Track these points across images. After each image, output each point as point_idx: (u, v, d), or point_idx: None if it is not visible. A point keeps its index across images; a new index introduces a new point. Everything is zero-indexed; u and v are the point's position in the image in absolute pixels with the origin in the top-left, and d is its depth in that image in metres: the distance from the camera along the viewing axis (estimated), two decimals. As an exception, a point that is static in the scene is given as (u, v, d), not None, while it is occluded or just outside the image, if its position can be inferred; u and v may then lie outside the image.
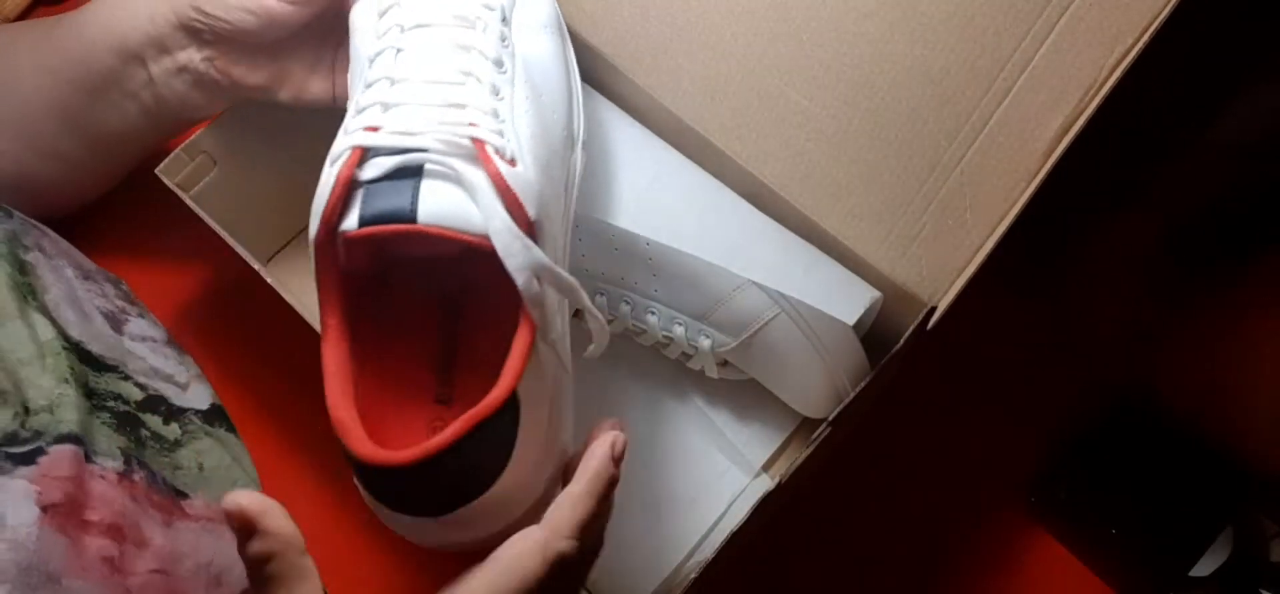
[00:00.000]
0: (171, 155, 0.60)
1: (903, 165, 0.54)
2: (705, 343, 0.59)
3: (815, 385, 0.59)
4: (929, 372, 0.69)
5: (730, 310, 0.57)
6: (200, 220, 0.58)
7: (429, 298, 0.49)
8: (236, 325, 0.70)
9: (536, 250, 0.40)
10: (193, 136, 0.61)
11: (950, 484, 0.69)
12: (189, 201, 0.59)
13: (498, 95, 0.44)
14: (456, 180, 0.40)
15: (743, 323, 0.57)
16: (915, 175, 0.54)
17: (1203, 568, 0.63)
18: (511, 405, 0.40)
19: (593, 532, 0.42)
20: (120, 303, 0.64)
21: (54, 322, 0.56)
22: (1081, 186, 0.66)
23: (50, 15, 0.78)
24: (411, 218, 0.39)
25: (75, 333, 0.58)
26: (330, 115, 0.51)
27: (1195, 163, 0.68)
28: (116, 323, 0.62)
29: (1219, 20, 0.63)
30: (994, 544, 0.68)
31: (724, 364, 0.61)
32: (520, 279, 0.39)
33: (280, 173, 0.67)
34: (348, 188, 0.40)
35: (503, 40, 0.47)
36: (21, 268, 0.57)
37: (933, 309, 0.53)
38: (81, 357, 0.57)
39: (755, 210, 0.58)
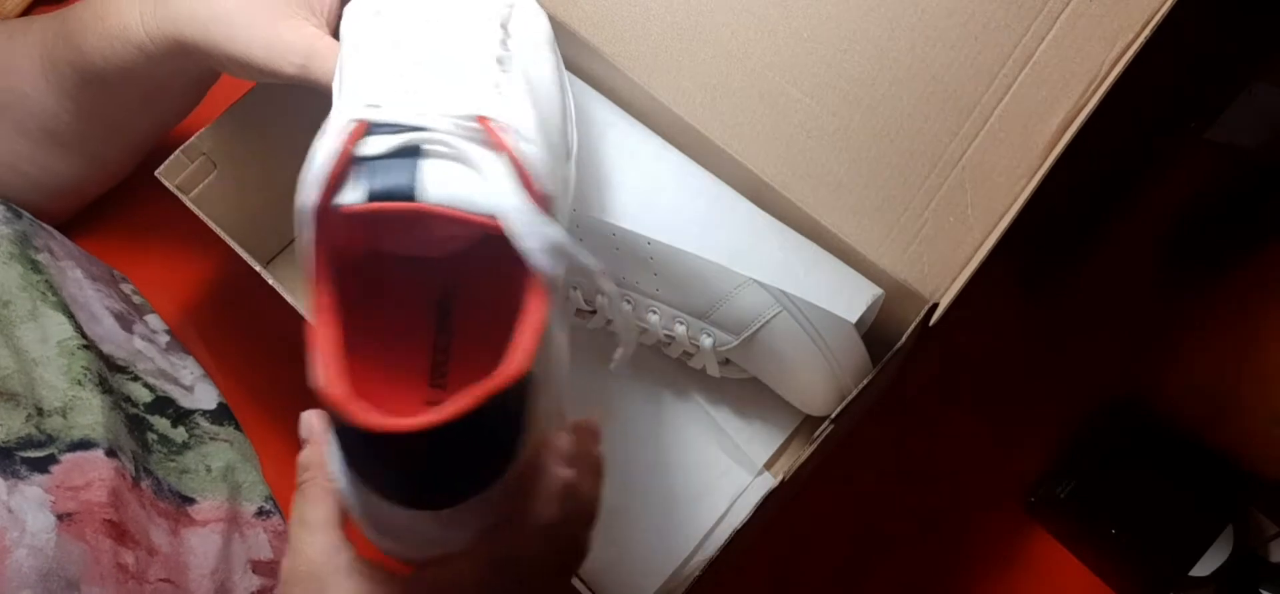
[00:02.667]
0: (171, 158, 0.60)
1: (904, 162, 0.54)
2: (707, 342, 0.59)
3: (817, 383, 0.59)
4: (930, 369, 0.69)
5: (731, 309, 0.57)
6: (200, 222, 0.58)
7: (420, 299, 0.47)
8: (238, 328, 0.70)
9: (556, 225, 0.38)
10: (192, 139, 0.61)
11: (950, 484, 0.69)
12: (189, 204, 0.59)
13: (499, 89, 0.44)
14: (460, 159, 0.39)
15: (744, 321, 0.57)
16: (916, 172, 0.54)
17: (1203, 568, 0.63)
18: (525, 384, 0.37)
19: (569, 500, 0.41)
20: (128, 304, 0.64)
21: (71, 318, 0.56)
22: (1082, 184, 0.66)
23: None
24: (411, 196, 0.38)
25: (89, 332, 0.58)
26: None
27: (1195, 162, 0.69)
28: (126, 323, 0.62)
29: (1219, 18, 0.63)
30: (994, 544, 0.68)
31: (726, 363, 0.61)
32: (535, 257, 0.37)
33: (280, 175, 0.66)
34: (347, 161, 0.39)
35: (504, 44, 0.47)
36: (35, 267, 0.57)
37: (934, 306, 0.54)
38: (98, 354, 0.57)
39: (756, 208, 0.58)
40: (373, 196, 0.38)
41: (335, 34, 0.58)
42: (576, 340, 0.65)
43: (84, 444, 0.51)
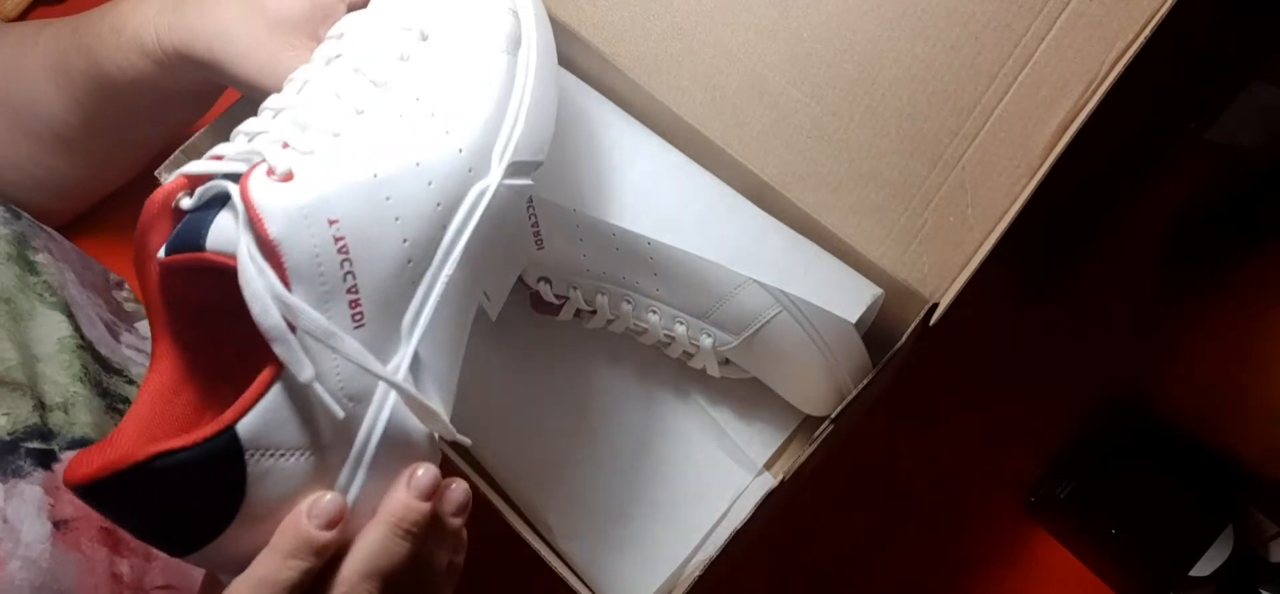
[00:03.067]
0: (171, 158, 0.59)
1: (904, 162, 0.54)
2: (707, 342, 0.59)
3: (817, 383, 0.59)
4: (930, 369, 0.69)
5: (731, 309, 0.57)
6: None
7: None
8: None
9: (270, 277, 0.36)
10: (192, 139, 0.60)
11: (950, 484, 0.69)
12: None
13: (358, 113, 0.42)
14: (234, 206, 0.37)
15: (744, 321, 0.57)
16: (916, 172, 0.54)
17: (1203, 568, 0.63)
18: (226, 451, 0.36)
19: (409, 571, 0.39)
20: (118, 313, 0.64)
21: (70, 318, 0.56)
22: (1082, 184, 0.66)
23: (50, 15, 0.78)
24: (200, 246, 0.37)
25: (87, 333, 0.58)
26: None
27: (1195, 162, 0.69)
28: (113, 332, 0.62)
29: (1219, 18, 0.63)
30: (994, 544, 0.68)
31: (726, 363, 0.61)
32: (253, 307, 0.36)
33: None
34: (161, 213, 0.39)
35: (402, 58, 0.45)
36: (32, 268, 0.57)
37: (934, 306, 0.54)
38: (95, 355, 0.57)
39: (756, 208, 0.58)
40: (171, 249, 0.38)
41: None
42: (576, 339, 0.65)
43: (84, 442, 0.51)
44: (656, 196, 0.58)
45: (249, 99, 0.62)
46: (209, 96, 0.66)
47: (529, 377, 0.64)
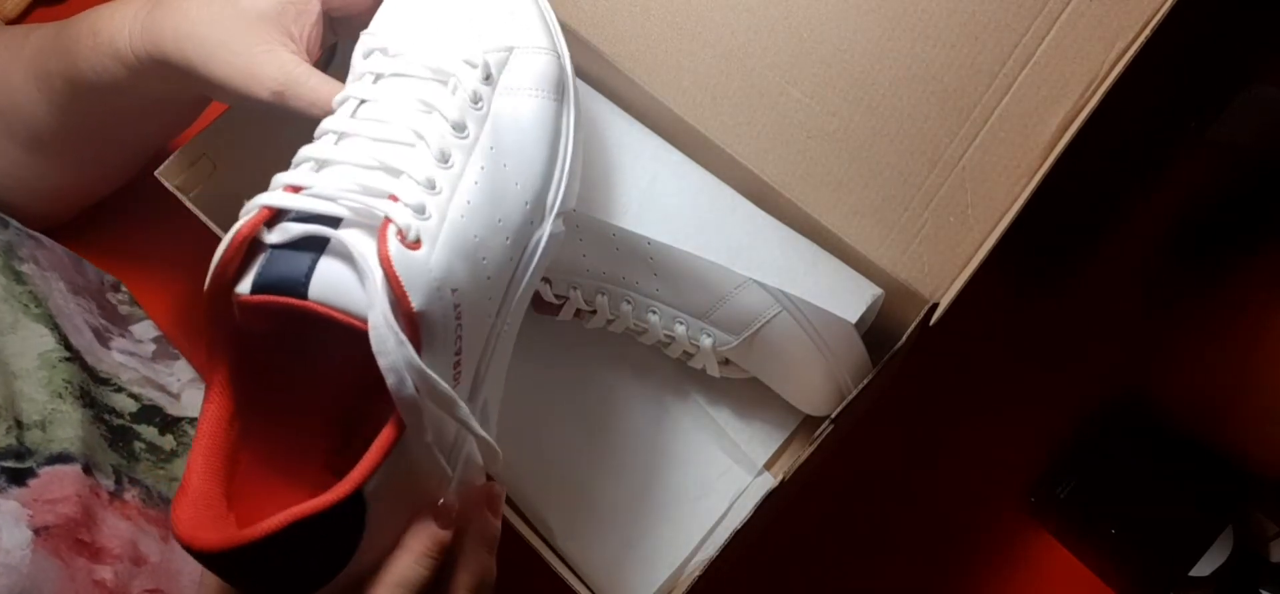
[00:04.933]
0: (171, 158, 0.60)
1: (904, 162, 0.54)
2: (707, 342, 0.59)
3: (817, 383, 0.59)
4: (930, 369, 0.69)
5: (732, 309, 0.57)
6: (200, 222, 0.58)
7: (345, 362, 0.46)
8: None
9: (408, 349, 0.37)
10: (192, 139, 0.61)
11: (950, 484, 0.69)
12: (188, 204, 0.59)
13: (445, 162, 0.42)
14: (350, 258, 0.38)
15: (744, 321, 0.57)
16: (916, 172, 0.54)
17: (1203, 568, 0.63)
18: (352, 505, 0.37)
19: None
20: (111, 317, 0.64)
21: (56, 329, 0.56)
22: (1082, 184, 0.66)
23: (49, 16, 0.78)
24: (303, 292, 0.37)
25: (75, 342, 0.57)
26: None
27: (1195, 162, 0.69)
28: (103, 338, 0.62)
29: (1219, 18, 0.63)
30: (994, 544, 0.68)
31: (726, 363, 0.61)
32: (389, 377, 0.37)
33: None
34: (246, 247, 0.39)
35: (475, 101, 0.45)
36: (18, 278, 0.57)
37: (934, 306, 0.54)
38: (82, 365, 0.56)
39: (756, 208, 0.58)
40: (265, 288, 0.38)
41: (320, 58, 0.59)
42: (576, 340, 0.65)
43: (63, 457, 0.51)
44: (657, 196, 0.58)
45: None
46: (191, 108, 0.65)
47: (529, 377, 0.64)
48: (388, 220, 0.39)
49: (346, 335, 0.38)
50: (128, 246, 0.71)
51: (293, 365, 0.44)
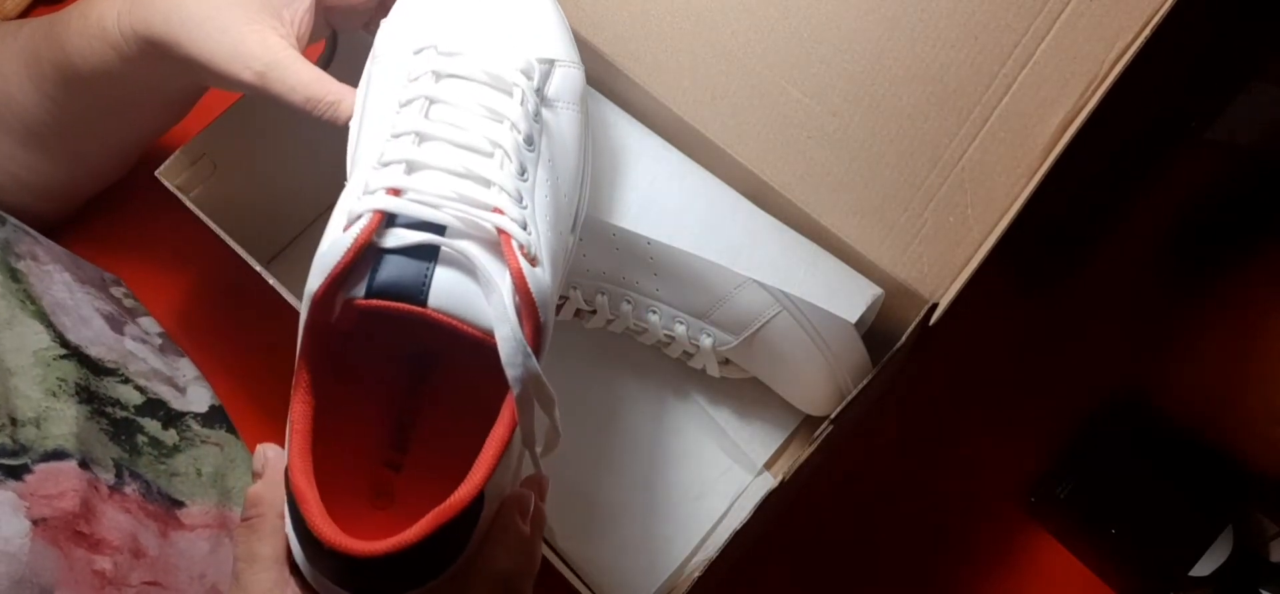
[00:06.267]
0: (171, 158, 0.60)
1: (904, 162, 0.54)
2: (707, 342, 0.59)
3: (817, 383, 0.59)
4: (930, 369, 0.69)
5: (731, 309, 0.57)
6: (200, 222, 0.58)
7: (395, 360, 0.47)
8: (237, 327, 0.70)
9: (534, 362, 0.38)
10: (192, 139, 0.60)
11: (950, 484, 0.69)
12: (189, 204, 0.59)
13: (523, 177, 0.43)
14: (470, 270, 0.39)
15: (744, 321, 0.57)
16: (916, 172, 0.54)
17: (1203, 568, 0.63)
18: (475, 504, 0.39)
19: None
20: (118, 306, 0.64)
21: (51, 326, 0.56)
22: (1082, 184, 0.66)
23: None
24: (421, 300, 0.38)
25: (74, 337, 0.57)
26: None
27: (1195, 162, 0.69)
28: (116, 324, 0.62)
29: (1219, 18, 0.63)
30: (994, 544, 0.68)
31: (726, 363, 0.61)
32: (515, 387, 0.38)
33: (280, 175, 0.67)
34: (362, 251, 0.39)
35: (536, 115, 0.46)
36: (14, 275, 0.57)
37: (934, 306, 0.54)
38: (81, 360, 0.56)
39: (756, 209, 0.58)
40: (382, 293, 0.39)
41: (323, 52, 0.59)
42: (576, 340, 0.65)
43: (57, 454, 0.51)
44: (657, 196, 0.58)
45: (249, 99, 0.62)
46: (180, 102, 0.65)
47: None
48: (507, 235, 0.40)
49: (398, 333, 0.40)
50: (128, 247, 0.71)
51: (348, 366, 0.45)
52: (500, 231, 0.39)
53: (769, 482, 0.63)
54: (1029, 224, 0.53)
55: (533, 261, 0.40)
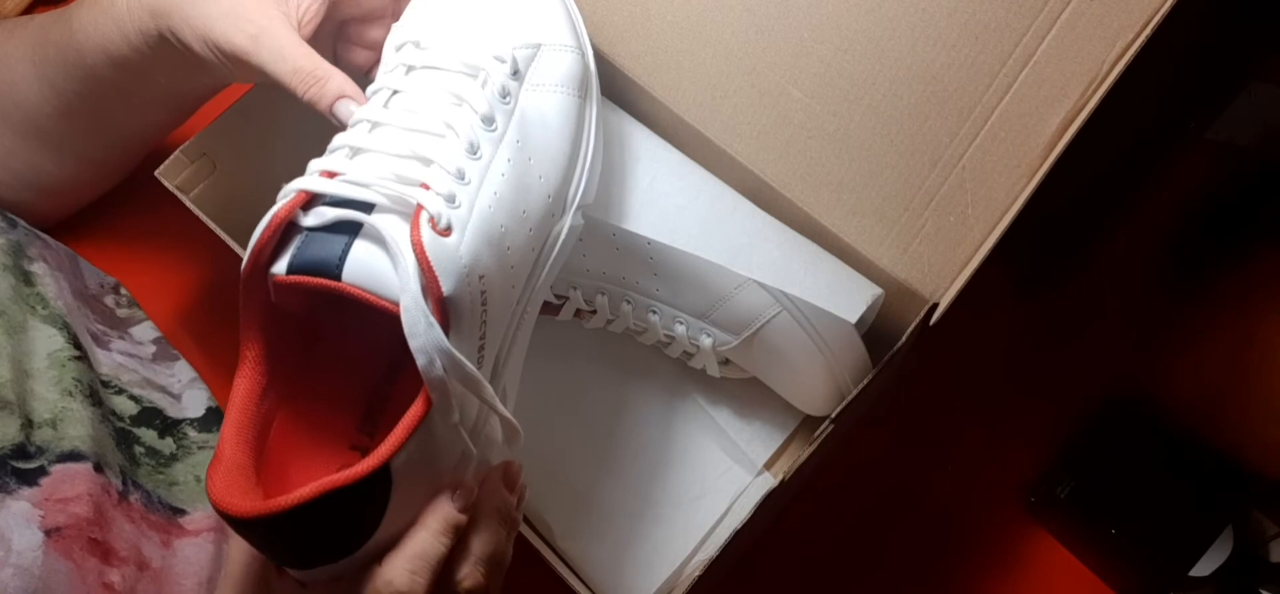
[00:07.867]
0: (171, 158, 0.60)
1: (904, 162, 0.54)
2: (707, 341, 0.59)
3: (817, 383, 0.59)
4: (930, 369, 0.69)
5: (732, 309, 0.57)
6: (200, 222, 0.58)
7: (371, 345, 0.48)
8: (237, 327, 0.69)
9: (437, 332, 0.38)
10: (192, 139, 0.60)
11: (950, 484, 0.69)
12: (189, 204, 0.59)
13: (474, 154, 0.44)
14: (383, 243, 0.39)
15: (744, 321, 0.57)
16: (917, 172, 0.54)
17: (1203, 568, 0.63)
18: (378, 480, 0.38)
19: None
20: (109, 320, 0.64)
21: (66, 328, 0.56)
22: (1082, 184, 0.66)
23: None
24: (337, 274, 0.39)
25: (81, 342, 0.57)
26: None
27: (1195, 162, 0.69)
28: (103, 342, 0.62)
29: (1219, 18, 0.63)
30: (994, 544, 0.68)
31: (726, 363, 0.61)
32: (419, 358, 0.38)
33: (280, 175, 0.66)
34: (283, 229, 0.40)
35: (503, 96, 0.46)
36: (27, 279, 0.57)
37: (934, 306, 0.54)
38: (91, 364, 0.57)
39: (756, 208, 0.58)
40: (300, 269, 0.40)
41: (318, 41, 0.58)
42: (577, 339, 0.65)
43: (74, 456, 0.51)
44: (657, 196, 0.58)
45: (249, 99, 0.62)
46: (186, 99, 0.64)
47: (529, 377, 0.63)
48: (420, 207, 0.40)
49: (374, 318, 0.39)
50: (128, 247, 0.71)
51: (322, 347, 0.46)
52: (419, 205, 0.40)
53: (769, 482, 0.63)
54: (1029, 224, 0.53)
55: (445, 232, 0.40)
